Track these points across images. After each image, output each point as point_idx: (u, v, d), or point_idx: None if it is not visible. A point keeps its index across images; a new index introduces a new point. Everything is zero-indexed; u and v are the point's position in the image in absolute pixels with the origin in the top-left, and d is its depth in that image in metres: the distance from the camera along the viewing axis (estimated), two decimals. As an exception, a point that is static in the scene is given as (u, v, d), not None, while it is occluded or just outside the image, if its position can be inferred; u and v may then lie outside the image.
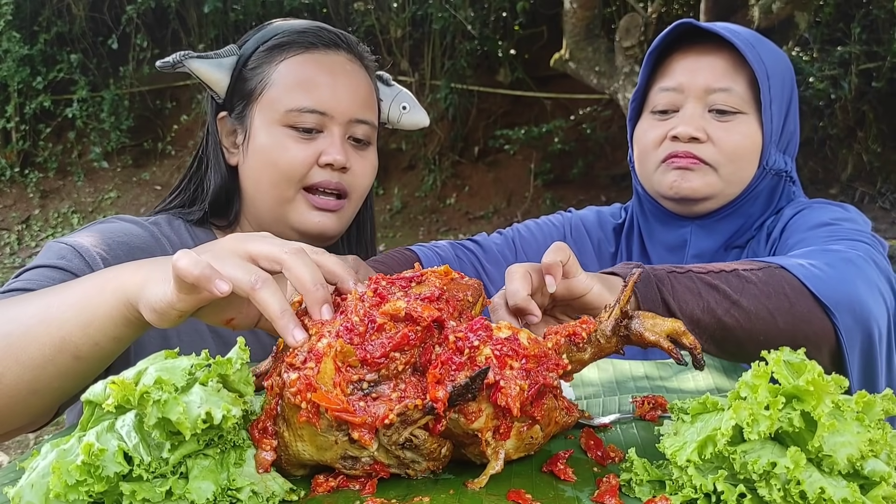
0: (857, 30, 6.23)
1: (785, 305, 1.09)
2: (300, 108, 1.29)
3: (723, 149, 1.41)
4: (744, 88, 1.42)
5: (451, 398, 0.74)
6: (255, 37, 1.37)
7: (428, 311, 0.78)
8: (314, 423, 0.74)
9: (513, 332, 0.79)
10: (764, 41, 1.46)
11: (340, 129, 1.31)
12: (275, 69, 1.31)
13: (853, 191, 6.54)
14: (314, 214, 1.31)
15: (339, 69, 1.33)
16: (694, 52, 1.46)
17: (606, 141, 7.33)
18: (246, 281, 0.80)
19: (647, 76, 1.53)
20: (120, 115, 8.31)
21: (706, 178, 1.42)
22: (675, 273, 1.07)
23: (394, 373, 0.76)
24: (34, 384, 0.93)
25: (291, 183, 1.30)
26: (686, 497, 0.72)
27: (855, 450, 0.68)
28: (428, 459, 0.79)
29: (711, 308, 1.05)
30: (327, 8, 7.77)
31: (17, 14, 8.00)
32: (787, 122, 1.46)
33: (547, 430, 0.82)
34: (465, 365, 0.76)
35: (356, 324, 0.77)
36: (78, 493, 0.68)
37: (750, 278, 1.10)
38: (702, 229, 1.49)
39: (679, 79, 1.45)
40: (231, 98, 1.36)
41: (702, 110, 1.43)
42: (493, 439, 0.78)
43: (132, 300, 0.88)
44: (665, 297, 1.03)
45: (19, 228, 8.12)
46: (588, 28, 5.46)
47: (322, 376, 0.74)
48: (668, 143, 1.45)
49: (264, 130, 1.31)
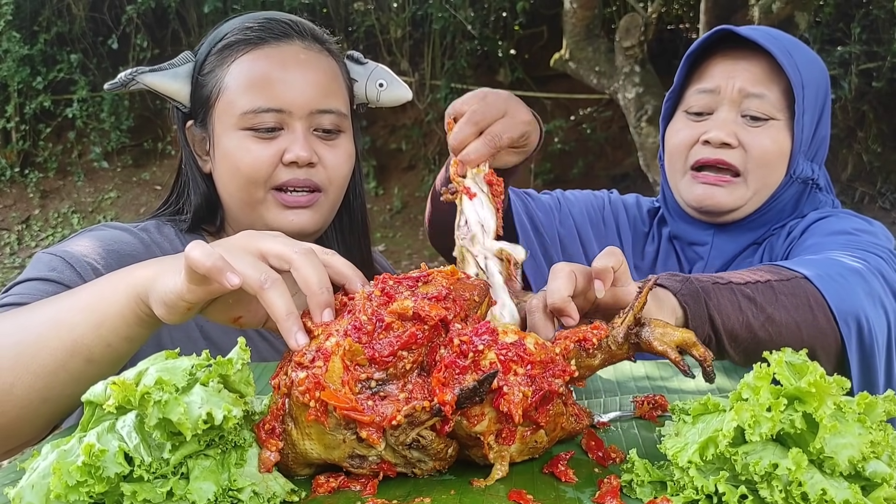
0: (857, 30, 6.23)
1: (809, 318, 1.11)
2: (255, 110, 1.24)
3: (752, 154, 1.43)
4: (778, 96, 1.43)
5: (459, 401, 0.74)
6: (208, 39, 1.33)
7: (435, 311, 0.78)
8: (322, 422, 0.75)
9: (519, 336, 0.79)
10: (801, 47, 1.47)
11: (303, 124, 1.27)
12: (227, 71, 1.27)
13: (853, 191, 6.54)
14: (287, 214, 1.28)
15: (291, 61, 1.28)
16: (732, 56, 1.47)
17: (606, 141, 7.33)
18: (255, 279, 0.81)
19: (683, 77, 1.54)
20: (120, 115, 8.31)
21: (734, 193, 1.45)
22: (718, 285, 1.07)
23: (401, 371, 0.76)
24: (45, 392, 0.92)
25: (258, 185, 1.27)
26: (687, 498, 0.72)
27: (856, 451, 0.68)
28: (434, 459, 0.79)
29: (749, 323, 1.07)
30: (327, 8, 7.77)
31: (17, 14, 8.00)
32: (819, 129, 1.47)
33: (552, 434, 0.82)
34: (469, 369, 0.75)
35: (364, 323, 0.77)
36: (78, 494, 0.68)
37: (781, 290, 1.11)
38: (724, 234, 1.51)
39: (717, 81, 1.46)
40: (194, 106, 1.33)
41: (735, 115, 1.44)
42: (495, 443, 0.78)
43: (142, 295, 0.88)
44: (711, 314, 1.03)
45: (19, 228, 8.12)
46: (588, 28, 5.46)
47: (330, 375, 0.74)
48: (698, 147, 1.47)
49: (225, 136, 1.27)
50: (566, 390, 0.81)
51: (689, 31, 7.17)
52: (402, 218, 7.75)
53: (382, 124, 8.24)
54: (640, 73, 5.23)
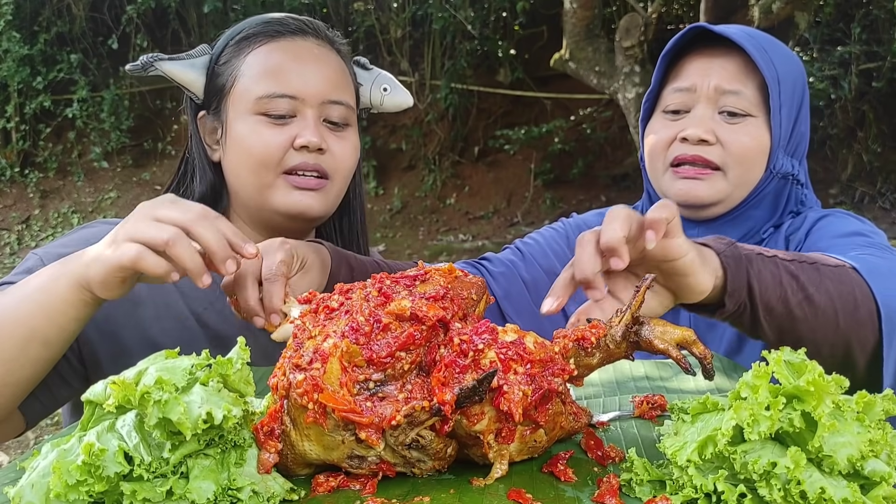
0: (857, 30, 6.23)
1: (850, 307, 1.10)
2: (270, 95, 1.30)
3: (731, 151, 1.43)
4: (754, 92, 1.43)
5: (458, 400, 0.74)
6: (226, 34, 1.39)
7: (433, 311, 0.78)
8: (321, 424, 0.74)
9: (519, 335, 0.79)
10: (777, 45, 1.47)
11: (314, 112, 1.32)
12: (243, 61, 1.33)
13: (853, 191, 6.54)
14: (296, 194, 1.32)
15: (306, 54, 1.34)
16: (707, 54, 1.47)
17: (606, 141, 7.33)
18: (160, 240, 0.96)
19: (661, 77, 1.55)
20: (120, 115, 8.31)
21: (714, 186, 1.44)
22: (763, 256, 1.07)
23: (399, 372, 0.76)
24: (7, 377, 1.07)
25: (269, 168, 1.31)
26: (686, 497, 0.72)
27: (855, 450, 0.68)
28: (434, 459, 0.79)
29: (787, 298, 1.06)
30: (327, 8, 7.78)
31: (17, 14, 8.01)
32: (797, 125, 1.47)
33: (551, 434, 0.82)
34: (469, 368, 0.75)
35: (362, 324, 0.77)
36: (78, 493, 0.68)
37: (827, 274, 1.11)
38: (709, 232, 1.49)
39: (692, 79, 1.46)
40: (208, 96, 1.37)
41: (712, 112, 1.45)
42: (495, 442, 0.78)
43: (82, 282, 1.02)
44: (751, 281, 1.03)
45: (19, 228, 8.12)
46: (588, 28, 5.46)
47: (328, 376, 0.74)
48: (677, 145, 1.47)
49: (239, 121, 1.32)
50: (565, 388, 0.82)
51: (688, 31, 7.17)
52: (401, 218, 7.75)
53: (382, 124, 8.24)
54: (640, 73, 5.23)
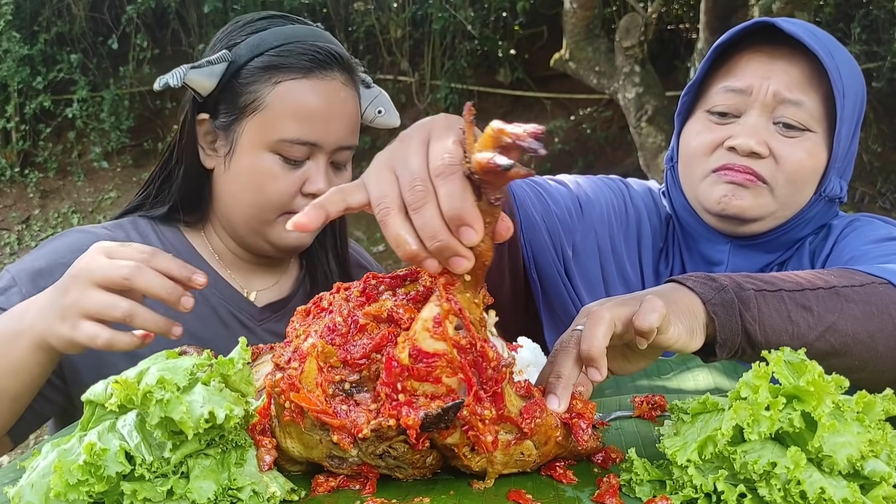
0: (857, 30, 6.23)
1: (889, 327, 0.99)
2: (294, 140, 1.28)
3: (784, 167, 1.27)
4: (816, 104, 1.27)
5: (422, 426, 0.71)
6: (247, 43, 1.31)
7: (409, 313, 0.75)
8: (298, 422, 0.75)
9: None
10: (841, 49, 1.30)
11: (325, 158, 1.32)
12: (271, 90, 1.29)
13: (853, 191, 6.54)
14: (293, 234, 1.33)
15: (334, 97, 1.31)
16: (767, 52, 1.30)
17: (606, 141, 7.33)
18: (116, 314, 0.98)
19: (706, 69, 1.36)
20: (120, 115, 8.30)
21: (760, 198, 1.28)
22: (765, 293, 0.96)
23: (375, 374, 0.74)
24: None
25: (274, 210, 1.32)
26: (686, 497, 0.72)
27: (855, 450, 0.68)
28: (413, 467, 0.78)
29: (802, 334, 0.95)
30: (327, 8, 7.77)
31: (17, 14, 8.00)
32: (852, 143, 1.33)
33: (543, 449, 0.79)
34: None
35: (339, 324, 0.76)
36: (78, 493, 0.68)
37: (850, 296, 0.99)
38: (741, 250, 1.36)
39: (748, 80, 1.29)
40: (216, 104, 1.33)
41: (766, 121, 1.28)
42: (472, 454, 0.76)
43: (42, 345, 1.04)
44: (747, 327, 0.92)
45: (19, 228, 8.12)
46: (588, 28, 5.46)
47: (306, 376, 0.73)
48: (722, 153, 1.30)
49: (251, 152, 1.30)
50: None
51: (689, 31, 7.16)
52: (402, 218, 7.73)
53: (382, 124, 8.22)
54: (640, 73, 5.22)
